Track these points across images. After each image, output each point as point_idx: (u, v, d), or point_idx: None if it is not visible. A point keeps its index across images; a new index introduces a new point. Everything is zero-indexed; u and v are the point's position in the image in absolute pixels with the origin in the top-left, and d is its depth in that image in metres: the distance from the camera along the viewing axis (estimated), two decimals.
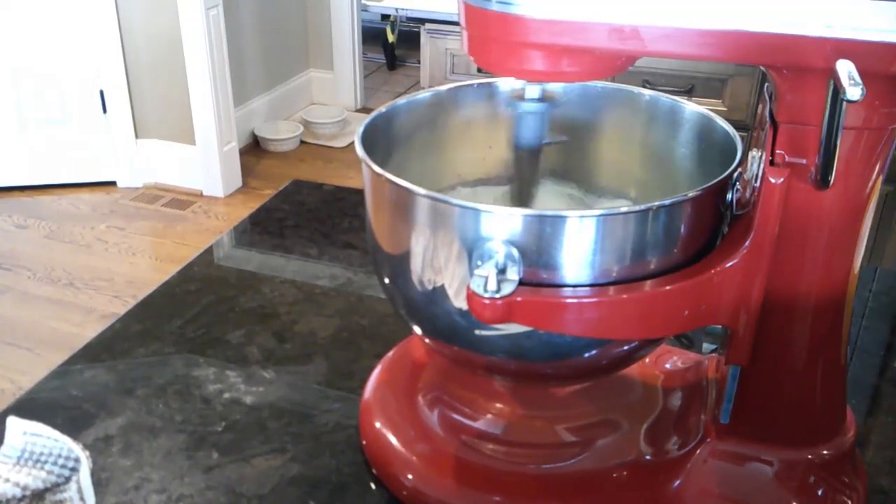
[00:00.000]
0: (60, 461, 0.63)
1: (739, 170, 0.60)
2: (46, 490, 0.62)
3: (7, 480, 0.61)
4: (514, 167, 0.71)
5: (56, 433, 0.65)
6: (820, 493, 0.64)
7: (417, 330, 0.67)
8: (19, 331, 2.44)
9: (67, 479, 0.63)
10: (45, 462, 0.63)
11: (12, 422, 0.65)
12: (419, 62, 2.62)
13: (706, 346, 0.85)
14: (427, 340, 0.68)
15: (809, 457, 0.64)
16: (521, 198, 0.72)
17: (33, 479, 0.61)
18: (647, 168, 0.74)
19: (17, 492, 0.60)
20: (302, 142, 3.64)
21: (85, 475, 0.64)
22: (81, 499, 0.63)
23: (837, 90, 0.46)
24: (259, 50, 3.58)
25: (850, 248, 0.57)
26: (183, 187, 3.22)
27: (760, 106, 0.60)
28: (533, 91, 0.64)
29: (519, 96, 0.65)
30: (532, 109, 0.65)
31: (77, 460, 0.64)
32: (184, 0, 2.90)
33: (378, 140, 0.67)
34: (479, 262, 0.56)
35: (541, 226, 0.55)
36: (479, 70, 2.35)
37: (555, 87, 0.73)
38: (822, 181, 0.52)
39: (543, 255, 0.56)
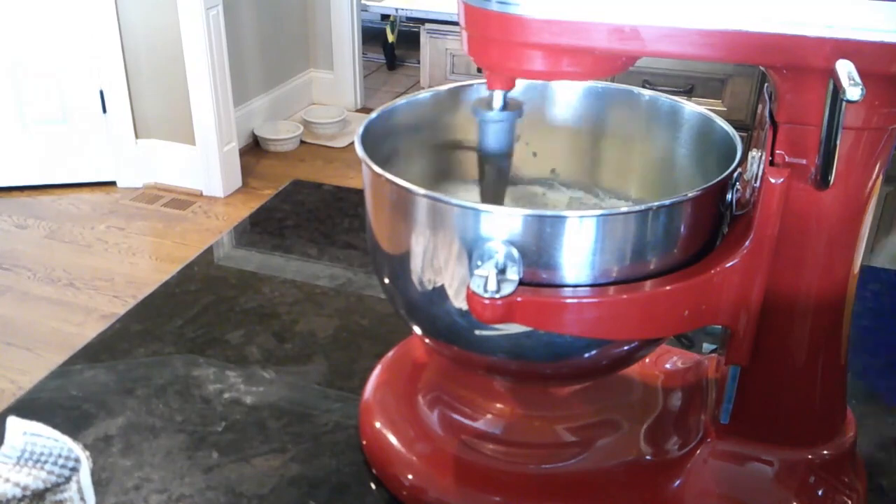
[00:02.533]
0: (60, 461, 0.63)
1: (739, 170, 0.60)
2: (47, 490, 0.62)
3: (7, 480, 0.61)
4: (480, 174, 0.71)
5: (56, 433, 0.65)
6: (820, 493, 0.64)
7: (417, 330, 0.67)
8: (19, 331, 2.44)
9: (68, 479, 0.63)
10: (46, 462, 0.63)
11: (12, 422, 0.65)
12: (419, 62, 2.62)
13: (706, 346, 0.85)
14: (427, 340, 0.68)
15: (809, 457, 0.64)
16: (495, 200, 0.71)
17: (33, 479, 0.61)
18: (647, 168, 0.74)
19: (18, 492, 0.60)
20: (302, 142, 3.64)
21: (85, 475, 0.64)
22: (82, 499, 0.63)
23: (837, 90, 0.46)
24: (259, 50, 3.58)
25: (850, 248, 0.57)
26: (183, 187, 3.22)
27: (760, 106, 0.60)
28: (497, 100, 0.63)
29: (485, 105, 0.64)
30: (497, 118, 0.64)
31: (77, 460, 0.64)
32: (184, 0, 2.90)
33: (378, 140, 0.67)
34: (479, 262, 0.56)
35: (541, 226, 0.55)
36: (479, 70, 2.35)
37: (519, 96, 0.73)
38: (822, 181, 0.52)
39: (543, 255, 0.56)
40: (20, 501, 0.60)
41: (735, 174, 0.59)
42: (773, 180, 0.54)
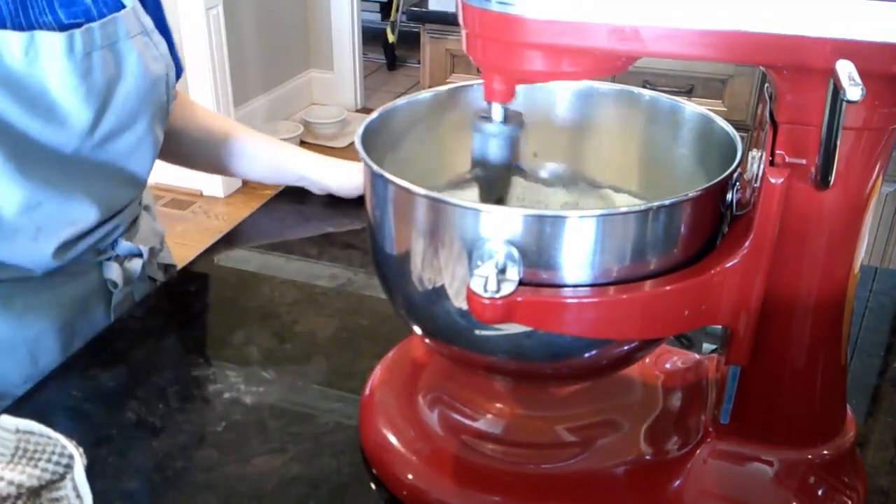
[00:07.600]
0: (54, 458, 0.63)
1: (739, 170, 0.60)
2: (42, 487, 0.62)
3: (1, 479, 0.60)
4: (479, 187, 0.69)
5: (49, 430, 0.64)
6: (820, 493, 0.64)
7: (417, 330, 0.67)
8: None
9: (63, 477, 0.63)
10: (40, 459, 0.63)
11: (4, 419, 0.65)
12: (419, 62, 2.61)
13: (706, 346, 0.85)
14: (427, 340, 0.68)
15: (809, 457, 0.64)
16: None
17: (28, 476, 0.61)
18: (647, 168, 0.74)
19: (13, 490, 0.60)
20: (302, 142, 3.63)
21: (80, 472, 0.63)
22: (78, 496, 0.63)
23: (837, 90, 0.46)
24: (259, 50, 3.58)
25: (850, 249, 0.57)
26: (183, 187, 3.22)
27: (760, 106, 0.60)
28: (497, 113, 0.62)
29: (484, 117, 0.63)
30: (496, 132, 0.63)
31: (71, 457, 0.63)
32: (184, 0, 2.90)
33: (378, 140, 0.67)
34: (479, 262, 0.56)
35: (541, 226, 0.55)
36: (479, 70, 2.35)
37: (520, 95, 0.72)
38: (822, 181, 0.52)
39: (543, 255, 0.56)
40: (16, 500, 0.60)
41: (735, 174, 0.59)
42: (773, 180, 0.54)
